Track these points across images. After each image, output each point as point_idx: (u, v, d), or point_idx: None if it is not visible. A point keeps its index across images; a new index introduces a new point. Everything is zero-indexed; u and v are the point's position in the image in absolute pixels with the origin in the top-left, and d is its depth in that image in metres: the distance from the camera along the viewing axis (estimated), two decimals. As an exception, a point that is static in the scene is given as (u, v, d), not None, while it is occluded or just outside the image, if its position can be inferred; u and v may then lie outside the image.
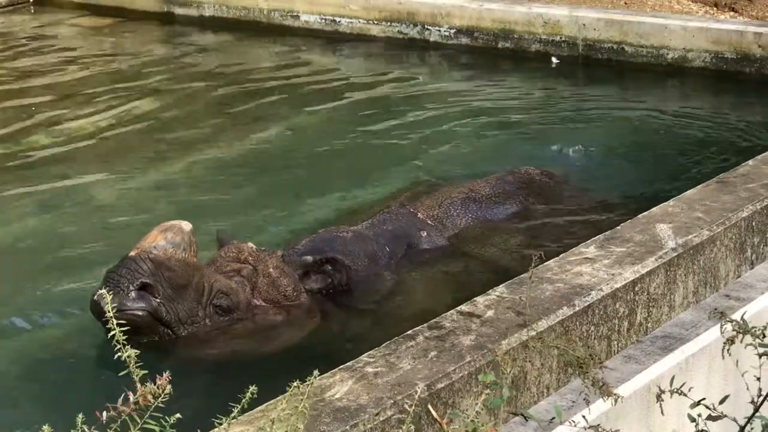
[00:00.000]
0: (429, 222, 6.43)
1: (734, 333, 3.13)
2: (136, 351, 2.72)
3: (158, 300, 5.24)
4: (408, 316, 4.68)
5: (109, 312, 2.76)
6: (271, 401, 3.45)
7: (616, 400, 3.68)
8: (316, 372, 2.84)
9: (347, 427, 3.35)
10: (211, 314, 5.45)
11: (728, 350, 3.19)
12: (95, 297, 5.13)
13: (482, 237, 6.45)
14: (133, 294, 5.16)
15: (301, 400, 2.69)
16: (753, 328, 3.07)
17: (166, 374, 2.70)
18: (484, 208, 6.66)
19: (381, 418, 3.46)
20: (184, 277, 5.32)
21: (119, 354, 2.69)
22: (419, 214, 6.46)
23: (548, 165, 7.97)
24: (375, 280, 5.99)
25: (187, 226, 5.38)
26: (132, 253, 5.25)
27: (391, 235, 6.25)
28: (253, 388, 2.77)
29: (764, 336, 3.06)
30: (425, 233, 6.35)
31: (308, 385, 2.69)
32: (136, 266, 5.20)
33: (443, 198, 6.66)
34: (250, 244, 5.86)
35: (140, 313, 5.20)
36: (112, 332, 2.72)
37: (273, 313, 5.65)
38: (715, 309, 3.69)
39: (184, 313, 5.36)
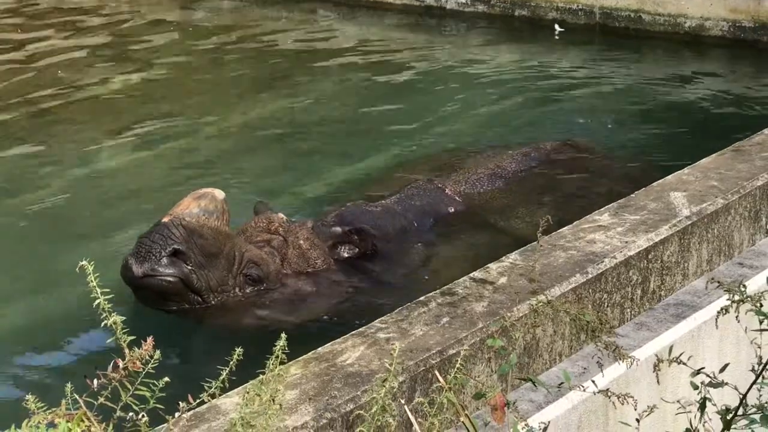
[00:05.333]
0: (456, 197, 6.46)
1: (728, 302, 3.13)
2: (122, 317, 2.71)
3: (189, 267, 5.25)
4: (434, 289, 4.67)
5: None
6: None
7: (630, 363, 3.66)
8: (282, 341, 2.82)
9: (358, 393, 3.36)
10: (241, 283, 5.46)
11: (722, 317, 3.19)
12: (126, 262, 5.15)
13: (508, 212, 6.48)
14: (164, 260, 5.17)
15: (276, 364, 2.70)
16: (747, 297, 3.06)
17: (150, 339, 2.70)
18: (510, 184, 6.68)
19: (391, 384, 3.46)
20: (216, 246, 5.32)
21: (106, 321, 2.68)
22: (447, 190, 6.50)
23: (569, 135, 7.97)
24: (402, 254, 6.02)
25: (220, 194, 5.36)
26: (165, 219, 5.23)
27: (418, 209, 6.29)
28: (239, 350, 2.78)
29: (761, 305, 3.05)
30: (452, 208, 6.38)
31: (276, 354, 2.70)
32: (168, 232, 5.19)
33: (470, 174, 6.71)
34: (281, 215, 5.87)
35: (171, 279, 5.21)
36: (97, 301, 2.71)
37: (302, 284, 5.66)
38: (712, 279, 3.66)
39: (215, 282, 5.37)
